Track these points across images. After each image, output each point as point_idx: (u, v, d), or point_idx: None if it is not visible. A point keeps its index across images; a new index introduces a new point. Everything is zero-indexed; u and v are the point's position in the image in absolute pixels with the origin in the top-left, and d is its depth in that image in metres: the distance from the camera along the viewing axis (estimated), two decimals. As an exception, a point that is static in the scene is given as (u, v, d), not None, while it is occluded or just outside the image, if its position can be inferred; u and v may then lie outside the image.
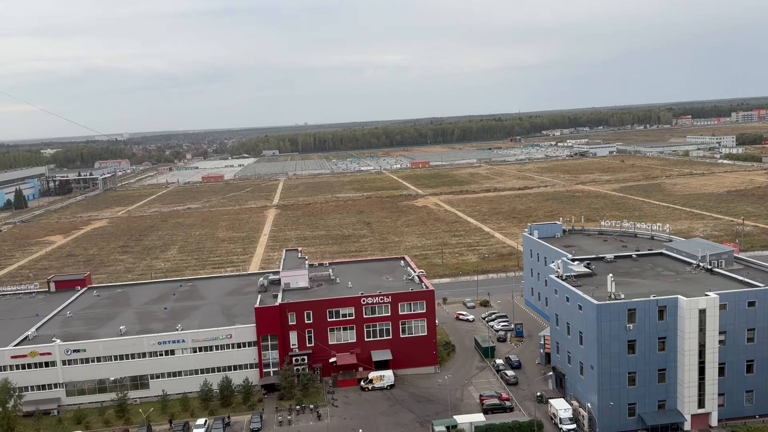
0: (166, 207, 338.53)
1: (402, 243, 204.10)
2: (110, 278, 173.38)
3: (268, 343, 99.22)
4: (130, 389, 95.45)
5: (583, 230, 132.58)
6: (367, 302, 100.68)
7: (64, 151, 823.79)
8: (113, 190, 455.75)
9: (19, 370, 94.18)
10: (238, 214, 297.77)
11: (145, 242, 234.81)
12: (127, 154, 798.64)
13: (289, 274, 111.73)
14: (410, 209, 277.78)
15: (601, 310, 78.41)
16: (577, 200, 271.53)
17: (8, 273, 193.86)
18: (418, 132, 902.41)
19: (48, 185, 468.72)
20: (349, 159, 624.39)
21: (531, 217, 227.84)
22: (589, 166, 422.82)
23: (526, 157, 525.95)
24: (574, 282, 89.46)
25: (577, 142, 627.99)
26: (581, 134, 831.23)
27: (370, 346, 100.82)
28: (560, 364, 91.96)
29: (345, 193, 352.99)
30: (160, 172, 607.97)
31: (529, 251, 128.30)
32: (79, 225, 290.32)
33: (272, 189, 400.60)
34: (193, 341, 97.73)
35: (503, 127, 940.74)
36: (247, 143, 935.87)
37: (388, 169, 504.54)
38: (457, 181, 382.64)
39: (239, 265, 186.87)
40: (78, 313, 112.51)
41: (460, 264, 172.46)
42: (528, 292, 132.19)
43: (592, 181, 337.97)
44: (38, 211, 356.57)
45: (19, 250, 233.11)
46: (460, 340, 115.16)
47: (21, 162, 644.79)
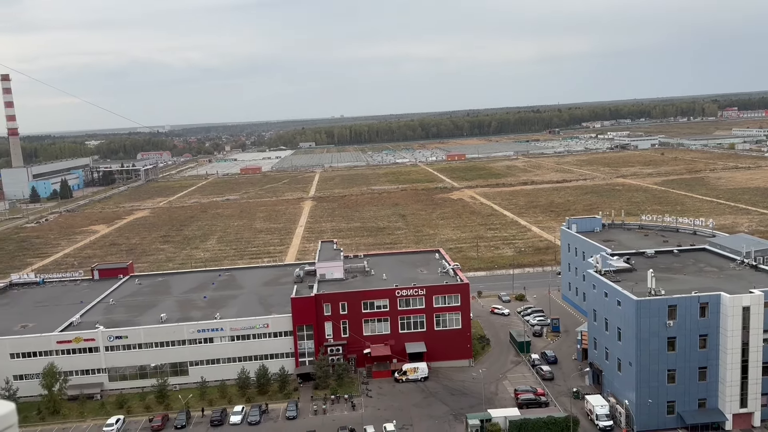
0: (205, 198, 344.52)
1: (437, 236, 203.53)
2: (152, 267, 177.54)
3: (304, 333, 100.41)
4: (170, 375, 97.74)
5: (623, 225, 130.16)
6: (401, 294, 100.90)
7: (107, 143, 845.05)
8: (155, 181, 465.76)
9: (64, 355, 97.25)
10: (275, 205, 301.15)
11: (186, 232, 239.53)
12: (168, 146, 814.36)
13: (325, 266, 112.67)
14: (445, 202, 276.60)
15: (641, 306, 76.96)
16: (617, 194, 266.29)
17: (54, 261, 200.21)
18: (455, 124, 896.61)
19: (92, 176, 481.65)
20: (385, 151, 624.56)
21: (569, 211, 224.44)
22: (630, 159, 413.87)
23: (564, 150, 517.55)
24: (613, 277, 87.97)
25: (617, 135, 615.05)
26: (622, 126, 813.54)
27: (404, 338, 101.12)
28: (597, 360, 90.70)
29: (380, 186, 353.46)
30: (200, 163, 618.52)
31: (567, 245, 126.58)
32: (122, 215, 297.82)
33: (308, 181, 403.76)
34: (231, 330, 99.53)
35: (542, 119, 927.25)
36: (285, 135, 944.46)
37: (423, 161, 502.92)
38: (493, 173, 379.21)
39: (276, 255, 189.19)
40: (120, 300, 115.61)
41: (495, 257, 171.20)
42: (565, 287, 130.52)
43: (633, 175, 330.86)
44: (83, 201, 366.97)
45: (64, 239, 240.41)
46: (494, 334, 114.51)
47: (66, 153, 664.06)
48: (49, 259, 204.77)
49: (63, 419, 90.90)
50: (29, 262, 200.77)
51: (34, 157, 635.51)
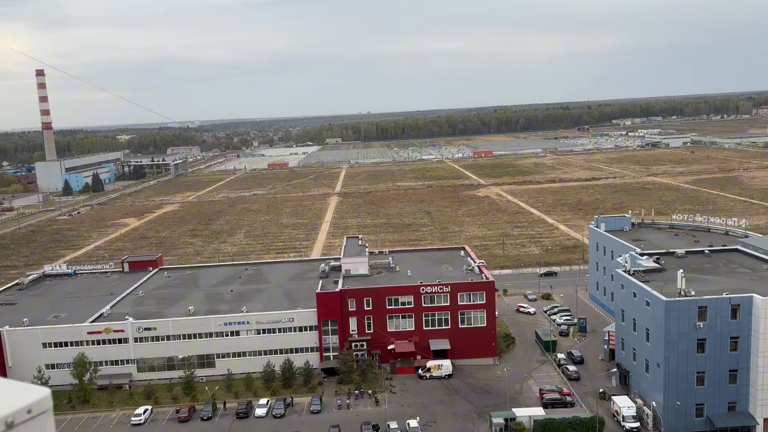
0: (233, 193, 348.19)
1: (462, 233, 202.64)
2: (180, 260, 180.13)
3: (329, 328, 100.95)
4: (197, 367, 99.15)
5: (653, 224, 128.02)
6: (426, 291, 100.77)
7: (138, 137, 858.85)
8: (184, 175, 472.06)
9: (94, 346, 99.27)
10: (302, 200, 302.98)
11: (214, 226, 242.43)
12: (198, 141, 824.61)
13: (350, 261, 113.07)
14: (471, 199, 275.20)
15: (670, 306, 75.68)
16: (647, 192, 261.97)
17: (86, 253, 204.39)
18: (482, 120, 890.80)
19: (123, 170, 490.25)
20: (411, 148, 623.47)
21: (598, 209, 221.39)
22: (661, 157, 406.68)
23: (594, 147, 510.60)
24: (642, 277, 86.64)
25: (648, 132, 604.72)
26: (653, 124, 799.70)
27: (428, 335, 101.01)
28: (625, 361, 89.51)
29: (406, 182, 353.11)
30: (228, 158, 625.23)
31: (595, 244, 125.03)
32: (151, 208, 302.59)
33: (335, 177, 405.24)
34: (257, 323, 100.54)
35: (570, 115, 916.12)
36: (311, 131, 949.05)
37: (449, 158, 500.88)
38: (520, 171, 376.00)
39: (302, 250, 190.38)
40: (150, 292, 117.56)
41: (521, 255, 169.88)
42: (593, 287, 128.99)
43: (664, 173, 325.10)
44: (114, 194, 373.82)
45: (96, 231, 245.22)
46: (520, 333, 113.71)
47: (98, 147, 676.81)
48: (80, 251, 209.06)
49: (93, 408, 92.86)
50: (62, 253, 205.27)
51: (68, 150, 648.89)
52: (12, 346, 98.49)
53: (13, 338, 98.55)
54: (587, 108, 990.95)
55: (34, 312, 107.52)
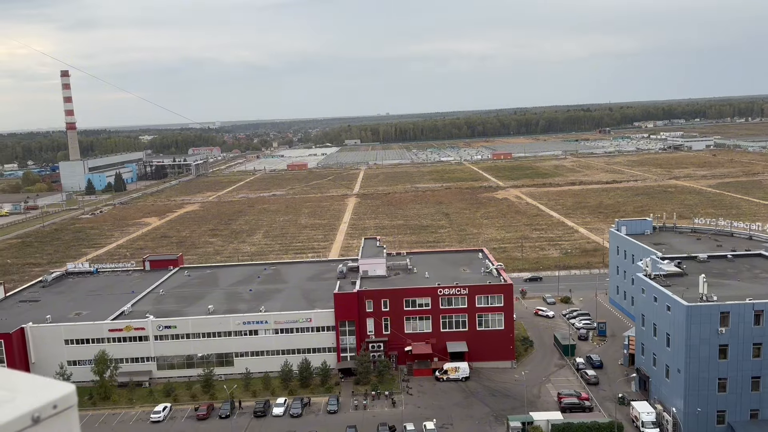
0: (253, 193, 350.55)
1: (481, 235, 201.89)
2: (200, 259, 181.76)
3: (346, 329, 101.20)
4: (215, 366, 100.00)
5: (675, 228, 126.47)
6: (443, 293, 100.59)
7: (160, 138, 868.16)
8: (205, 175, 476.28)
9: (115, 343, 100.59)
10: (320, 201, 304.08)
11: (233, 226, 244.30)
12: (219, 142, 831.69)
13: (368, 262, 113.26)
14: (490, 201, 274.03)
15: (691, 312, 74.73)
16: (669, 196, 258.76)
17: (108, 251, 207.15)
18: (501, 122, 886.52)
19: (145, 170, 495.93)
20: (430, 149, 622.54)
21: (619, 213, 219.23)
22: (683, 160, 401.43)
23: (615, 150, 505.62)
24: (663, 281, 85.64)
25: (671, 135, 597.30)
26: (676, 126, 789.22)
27: (445, 337, 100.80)
28: (645, 366, 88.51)
29: (424, 184, 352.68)
30: (248, 159, 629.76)
31: (616, 248, 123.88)
32: (173, 208, 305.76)
33: (353, 178, 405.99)
34: (276, 323, 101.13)
35: (591, 117, 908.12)
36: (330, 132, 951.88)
37: (468, 160, 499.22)
38: (540, 173, 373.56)
39: (320, 251, 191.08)
40: (170, 291, 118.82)
41: (540, 258, 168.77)
42: (613, 290, 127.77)
43: (687, 176, 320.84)
44: (136, 194, 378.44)
45: (117, 230, 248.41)
46: (538, 336, 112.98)
47: (121, 147, 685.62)
48: (102, 249, 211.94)
49: (113, 405, 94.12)
50: (84, 252, 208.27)
51: (91, 150, 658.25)
52: (35, 342, 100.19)
53: (37, 334, 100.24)
54: (608, 110, 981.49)
55: (56, 309, 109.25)
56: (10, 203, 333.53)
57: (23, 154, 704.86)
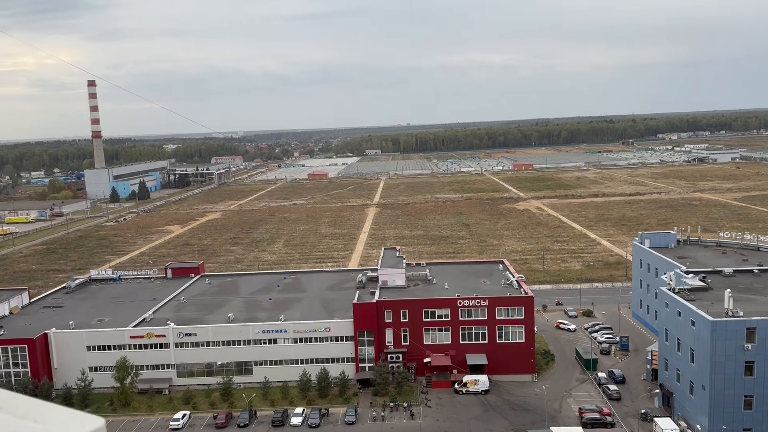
0: (274, 202, 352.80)
1: (501, 246, 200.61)
2: (221, 267, 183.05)
3: (365, 339, 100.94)
4: (235, 374, 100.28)
5: (700, 241, 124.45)
6: (463, 305, 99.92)
7: (184, 147, 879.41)
8: (227, 184, 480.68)
9: (136, 350, 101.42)
10: (340, 211, 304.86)
11: (254, 235, 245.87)
12: (241, 151, 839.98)
13: (387, 272, 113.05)
14: (511, 212, 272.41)
15: (717, 327, 73.27)
16: (693, 209, 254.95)
17: (130, 258, 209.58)
18: (522, 133, 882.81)
19: (168, 178, 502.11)
20: (450, 160, 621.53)
21: (642, 225, 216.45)
22: (708, 173, 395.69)
23: (638, 162, 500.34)
24: (688, 296, 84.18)
25: (695, 147, 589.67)
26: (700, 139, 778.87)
27: (465, 349, 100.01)
28: (668, 382, 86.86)
29: (444, 194, 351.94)
30: (269, 168, 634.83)
31: (639, 261, 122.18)
32: (195, 216, 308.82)
33: (373, 188, 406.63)
34: (295, 332, 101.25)
35: (614, 129, 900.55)
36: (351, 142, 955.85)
37: (489, 170, 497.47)
38: (562, 184, 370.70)
39: (339, 260, 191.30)
40: (191, 299, 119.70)
41: (562, 271, 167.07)
42: (636, 304, 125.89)
43: (711, 189, 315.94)
44: (159, 202, 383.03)
45: (141, 238, 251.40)
46: (559, 350, 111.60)
47: (145, 156, 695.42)
48: (125, 256, 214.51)
49: (133, 412, 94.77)
50: (107, 259, 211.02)
51: (116, 159, 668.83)
52: (58, 348, 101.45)
53: (60, 340, 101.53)
54: (632, 121, 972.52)
55: (79, 315, 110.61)
56: (36, 210, 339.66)
57: (50, 162, 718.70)
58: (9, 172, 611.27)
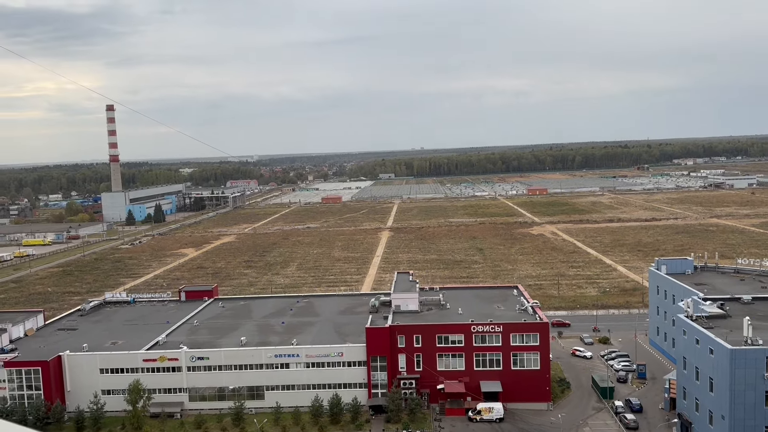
0: (287, 225, 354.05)
1: (515, 271, 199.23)
2: (234, 291, 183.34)
3: (377, 364, 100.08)
4: (246, 398, 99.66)
5: (717, 268, 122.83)
6: (477, 330, 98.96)
7: (200, 171, 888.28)
8: (242, 208, 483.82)
9: (149, 373, 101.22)
10: (354, 235, 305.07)
11: (268, 258, 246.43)
12: (256, 175, 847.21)
13: (400, 297, 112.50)
14: (525, 237, 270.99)
15: (736, 355, 71.89)
16: (710, 235, 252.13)
17: (145, 281, 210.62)
18: (536, 158, 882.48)
19: (184, 201, 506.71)
20: (464, 184, 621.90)
21: (658, 251, 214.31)
22: (725, 199, 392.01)
23: (654, 187, 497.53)
24: (706, 323, 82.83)
25: (711, 173, 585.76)
26: (716, 164, 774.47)
27: (479, 376, 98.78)
28: (687, 411, 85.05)
29: (458, 218, 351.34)
30: (284, 192, 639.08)
31: (656, 287, 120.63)
32: (209, 239, 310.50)
33: (387, 211, 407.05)
34: (307, 356, 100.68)
35: (629, 154, 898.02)
36: (365, 166, 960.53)
37: (503, 194, 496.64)
38: (576, 209, 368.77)
39: (352, 284, 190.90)
40: (204, 322, 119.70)
41: (577, 297, 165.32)
42: (653, 331, 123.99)
43: (729, 215, 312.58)
44: (174, 225, 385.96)
45: (155, 261, 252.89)
46: (575, 378, 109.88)
47: (162, 179, 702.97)
48: (140, 279, 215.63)
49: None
50: (122, 281, 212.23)
51: (132, 182, 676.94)
52: (71, 370, 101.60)
53: (73, 363, 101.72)
54: (647, 147, 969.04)
55: (93, 338, 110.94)
56: (53, 232, 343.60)
57: (67, 185, 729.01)
58: (27, 195, 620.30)
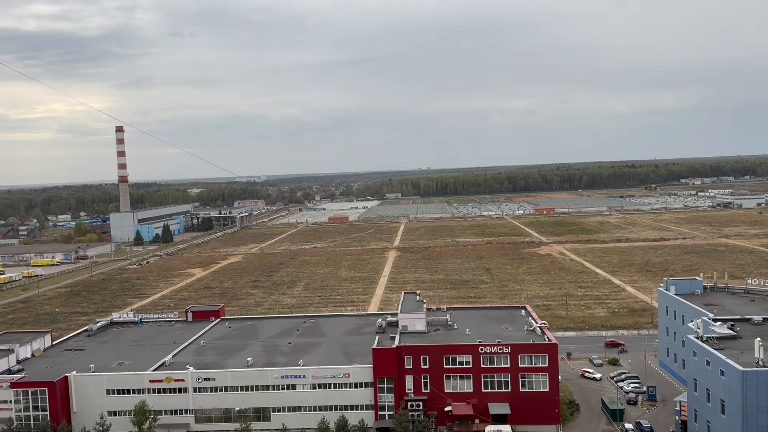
0: (294, 245, 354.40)
1: (523, 291, 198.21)
2: (241, 311, 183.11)
3: (384, 386, 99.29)
4: (252, 420, 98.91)
5: (727, 288, 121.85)
6: (485, 351, 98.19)
7: (208, 191, 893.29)
8: (249, 227, 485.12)
9: (155, 394, 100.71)
10: (360, 254, 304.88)
11: (275, 278, 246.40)
12: (263, 195, 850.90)
13: (407, 317, 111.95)
14: (533, 257, 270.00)
15: (747, 377, 70.96)
16: (719, 255, 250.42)
17: (152, 302, 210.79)
18: (543, 177, 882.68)
19: (192, 221, 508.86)
20: (471, 203, 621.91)
21: (667, 271, 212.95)
22: (734, 219, 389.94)
23: (662, 207, 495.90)
24: (716, 344, 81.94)
25: (719, 192, 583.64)
26: (724, 184, 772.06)
27: (487, 398, 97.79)
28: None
29: (465, 238, 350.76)
30: (291, 212, 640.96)
31: (665, 308, 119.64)
32: (217, 259, 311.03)
33: (393, 231, 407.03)
34: (313, 377, 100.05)
35: (636, 174, 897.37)
36: (372, 186, 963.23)
37: (510, 214, 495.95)
38: (584, 229, 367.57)
39: (359, 304, 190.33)
40: (210, 342, 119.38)
41: (586, 317, 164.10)
42: (663, 353, 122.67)
43: (738, 235, 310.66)
44: (182, 245, 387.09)
45: (163, 281, 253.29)
46: (585, 400, 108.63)
47: (170, 200, 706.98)
48: (147, 299, 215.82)
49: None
50: (129, 302, 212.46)
51: (141, 202, 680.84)
52: (78, 391, 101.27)
53: (80, 383, 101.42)
54: (654, 166, 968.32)
55: (100, 358, 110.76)
56: (61, 253, 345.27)
57: (76, 205, 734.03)
58: (37, 216, 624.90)
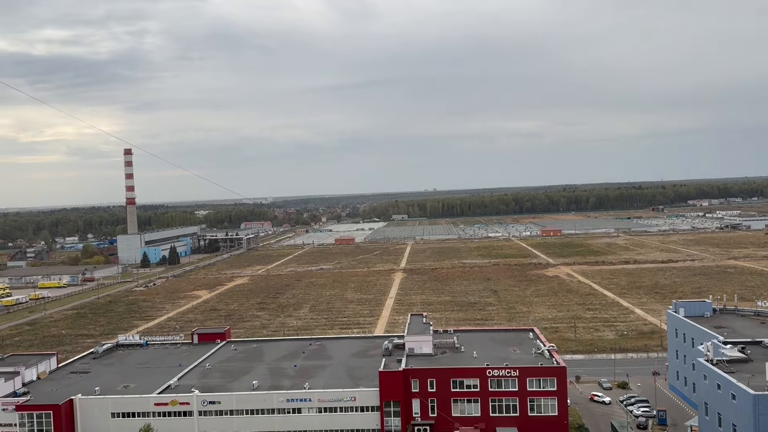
0: (301, 267, 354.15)
1: (531, 314, 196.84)
2: (247, 333, 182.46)
3: (391, 410, 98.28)
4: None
5: (737, 310, 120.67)
6: (493, 374, 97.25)
7: (214, 213, 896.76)
8: (255, 249, 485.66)
9: (160, 417, 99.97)
10: (367, 276, 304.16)
11: (281, 300, 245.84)
12: (270, 217, 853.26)
13: (414, 339, 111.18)
14: (540, 278, 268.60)
15: (759, 401, 69.91)
16: (729, 277, 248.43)
17: (158, 324, 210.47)
18: (550, 199, 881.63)
19: (199, 243, 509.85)
20: (477, 225, 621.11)
21: (676, 293, 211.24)
22: (742, 240, 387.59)
23: (670, 228, 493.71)
24: (727, 368, 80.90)
25: (727, 214, 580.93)
26: (732, 205, 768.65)
27: (495, 422, 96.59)
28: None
29: (472, 259, 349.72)
30: (297, 233, 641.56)
31: (674, 331, 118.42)
32: (223, 281, 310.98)
33: (400, 253, 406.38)
34: (319, 401, 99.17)
35: (644, 195, 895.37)
36: (378, 207, 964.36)
37: (516, 236, 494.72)
38: (592, 251, 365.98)
39: (365, 326, 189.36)
40: (216, 365, 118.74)
41: (594, 340, 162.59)
42: (672, 376, 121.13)
43: (747, 257, 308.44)
44: (189, 267, 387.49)
45: (169, 303, 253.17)
46: (594, 424, 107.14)
47: (177, 222, 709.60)
48: (153, 321, 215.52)
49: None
50: (135, 324, 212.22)
51: (148, 224, 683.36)
52: (83, 414, 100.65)
53: (85, 406, 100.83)
54: (661, 188, 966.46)
55: (105, 381, 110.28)
56: (68, 275, 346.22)
57: (84, 227, 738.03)
58: (44, 238, 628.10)
